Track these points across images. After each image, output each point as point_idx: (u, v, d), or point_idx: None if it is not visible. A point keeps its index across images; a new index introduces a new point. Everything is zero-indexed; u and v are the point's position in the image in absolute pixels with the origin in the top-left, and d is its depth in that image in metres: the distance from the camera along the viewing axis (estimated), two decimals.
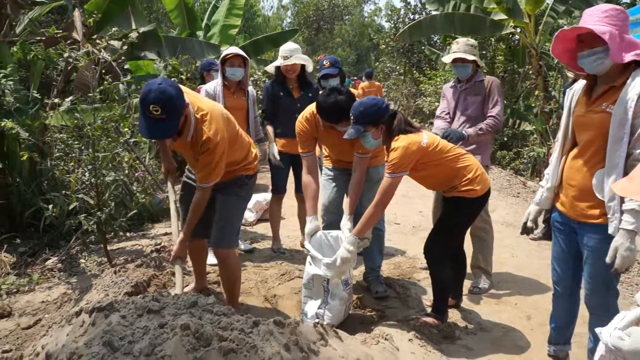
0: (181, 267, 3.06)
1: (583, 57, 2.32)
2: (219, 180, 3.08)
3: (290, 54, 4.42)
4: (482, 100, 3.96)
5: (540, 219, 5.44)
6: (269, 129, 4.55)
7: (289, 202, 5.16)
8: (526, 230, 2.84)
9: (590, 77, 2.43)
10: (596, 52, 2.27)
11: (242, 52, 4.28)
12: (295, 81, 4.54)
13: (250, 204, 5.78)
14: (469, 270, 3.94)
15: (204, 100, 3.00)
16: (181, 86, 2.85)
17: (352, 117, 3.12)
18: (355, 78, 20.15)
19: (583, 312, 2.69)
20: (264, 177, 6.80)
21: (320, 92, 4.07)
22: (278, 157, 4.53)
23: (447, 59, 4.05)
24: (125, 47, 6.28)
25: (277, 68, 4.49)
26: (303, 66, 4.50)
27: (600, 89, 2.36)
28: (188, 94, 2.90)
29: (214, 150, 2.84)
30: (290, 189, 4.79)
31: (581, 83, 2.51)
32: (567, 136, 2.53)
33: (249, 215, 5.81)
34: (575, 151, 2.49)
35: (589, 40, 2.28)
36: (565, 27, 2.39)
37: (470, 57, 3.92)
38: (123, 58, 6.34)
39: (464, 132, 3.87)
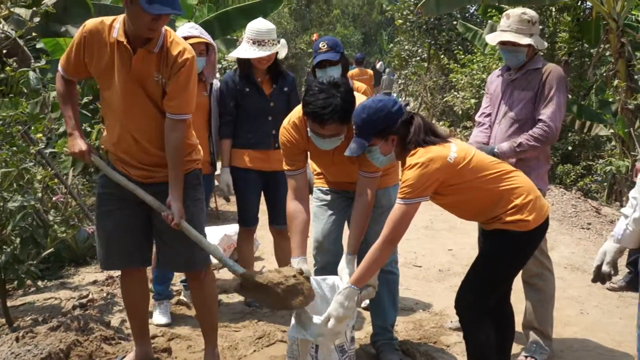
0: None
1: None
2: (161, 179, 3.30)
3: (267, 37, 4.42)
4: (532, 97, 3.90)
5: (622, 262, 5.42)
6: (225, 145, 4.58)
7: (268, 235, 5.14)
8: (601, 277, 2.81)
9: None
10: None
11: (205, 36, 4.31)
12: (265, 72, 4.55)
13: (215, 240, 5.76)
14: (518, 330, 3.90)
15: None
16: None
17: (353, 127, 3.14)
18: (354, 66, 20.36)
19: None
20: (234, 202, 6.79)
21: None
22: (231, 189, 4.62)
23: (491, 39, 4.04)
24: (37, 19, 6.25)
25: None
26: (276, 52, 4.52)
27: None
28: None
29: (192, 66, 3.20)
30: (263, 219, 4.81)
31: None
32: None
33: None
34: None
35: None
36: None
37: (525, 41, 3.87)
38: (34, 34, 6.32)
39: (495, 148, 3.83)
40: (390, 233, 3.05)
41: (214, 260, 3.55)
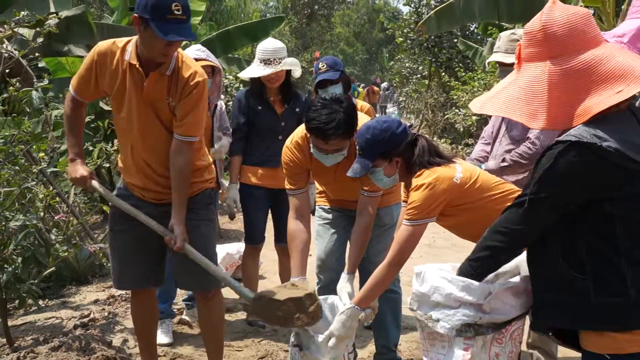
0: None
1: None
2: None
3: (273, 56, 4.45)
4: None
5: None
6: (235, 161, 4.61)
7: (270, 254, 5.10)
8: None
9: None
10: None
11: (212, 59, 4.34)
12: (277, 91, 4.57)
13: (217, 258, 5.73)
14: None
15: None
16: None
17: (357, 147, 3.13)
18: (362, 85, 20.45)
19: None
20: (237, 221, 6.77)
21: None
22: (238, 205, 4.64)
23: (491, 58, 4.17)
24: (40, 39, 6.28)
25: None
26: (288, 71, 4.54)
27: None
28: None
29: (203, 89, 3.15)
30: (270, 237, 4.80)
31: None
32: None
33: None
34: None
35: None
36: None
37: (510, 60, 3.90)
38: (37, 54, 6.34)
39: (482, 165, 3.86)
40: (397, 255, 3.00)
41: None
